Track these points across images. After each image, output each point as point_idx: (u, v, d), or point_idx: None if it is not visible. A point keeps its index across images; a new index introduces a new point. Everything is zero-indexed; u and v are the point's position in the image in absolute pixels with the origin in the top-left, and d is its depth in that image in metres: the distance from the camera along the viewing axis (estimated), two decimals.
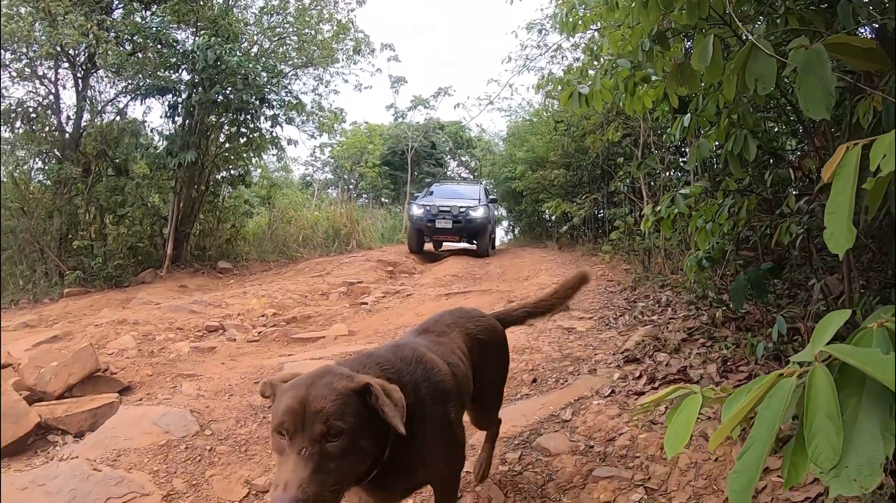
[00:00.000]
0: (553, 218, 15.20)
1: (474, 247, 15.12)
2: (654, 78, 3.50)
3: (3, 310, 9.52)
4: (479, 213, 14.77)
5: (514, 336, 5.07)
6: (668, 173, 7.64)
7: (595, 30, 5.99)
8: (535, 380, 4.26)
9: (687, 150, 6.70)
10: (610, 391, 3.77)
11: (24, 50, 11.05)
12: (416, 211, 15.13)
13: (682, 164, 7.34)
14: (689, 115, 3.67)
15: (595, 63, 7.07)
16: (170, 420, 3.93)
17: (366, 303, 8.37)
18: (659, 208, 4.02)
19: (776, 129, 4.78)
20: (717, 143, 3.76)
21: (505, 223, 23.17)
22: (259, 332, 6.95)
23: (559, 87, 6.92)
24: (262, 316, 7.84)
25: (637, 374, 3.91)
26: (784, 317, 3.07)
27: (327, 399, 1.59)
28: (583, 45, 8.44)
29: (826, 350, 0.94)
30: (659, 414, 3.26)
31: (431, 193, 16.69)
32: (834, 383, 0.89)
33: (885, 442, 0.83)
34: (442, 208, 14.83)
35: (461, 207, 14.75)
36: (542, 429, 3.46)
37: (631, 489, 2.69)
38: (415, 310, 7.40)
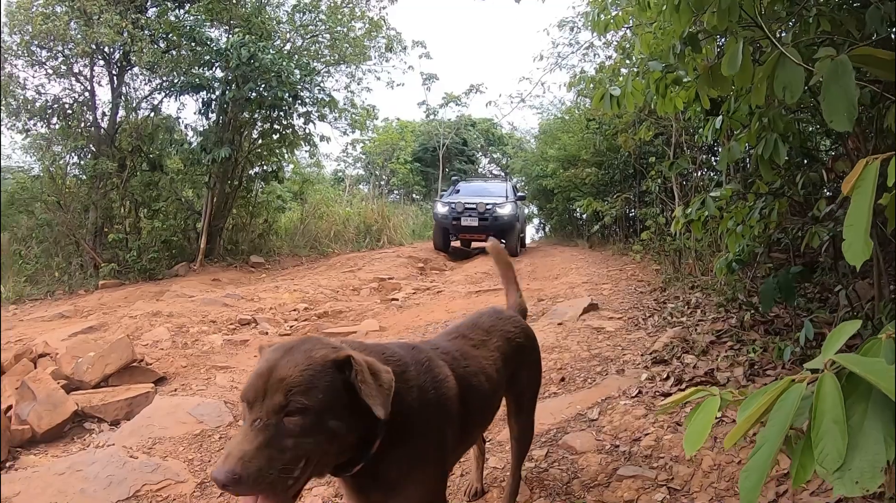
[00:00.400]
0: (584, 216, 15.10)
1: (502, 245, 14.49)
2: (685, 80, 3.50)
3: (39, 300, 9.82)
4: (506, 211, 14.20)
5: (543, 335, 5.10)
6: (699, 173, 7.58)
7: (627, 28, 5.97)
8: (563, 379, 4.27)
9: (719, 148, 6.65)
10: (637, 392, 3.77)
11: (60, 48, 11.36)
12: (441, 209, 14.60)
13: (714, 164, 7.28)
14: (720, 116, 3.67)
15: (627, 61, 7.02)
16: (204, 410, 4.04)
17: (397, 300, 8.43)
18: (689, 210, 4.02)
19: (810, 129, 4.73)
20: (748, 145, 3.75)
21: (536, 221, 23.08)
22: (291, 326, 7.04)
23: (591, 86, 6.91)
24: (294, 310, 7.92)
25: (664, 376, 3.91)
26: (812, 322, 3.07)
27: (297, 368, 1.41)
28: (615, 42, 8.40)
29: (835, 359, 0.98)
30: (684, 416, 3.27)
31: (458, 191, 16.18)
32: (841, 390, 0.94)
33: (887, 447, 0.88)
34: (468, 205, 14.30)
35: (487, 204, 14.18)
36: (568, 427, 3.49)
37: (654, 489, 2.72)
38: (445, 306, 7.44)
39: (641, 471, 2.85)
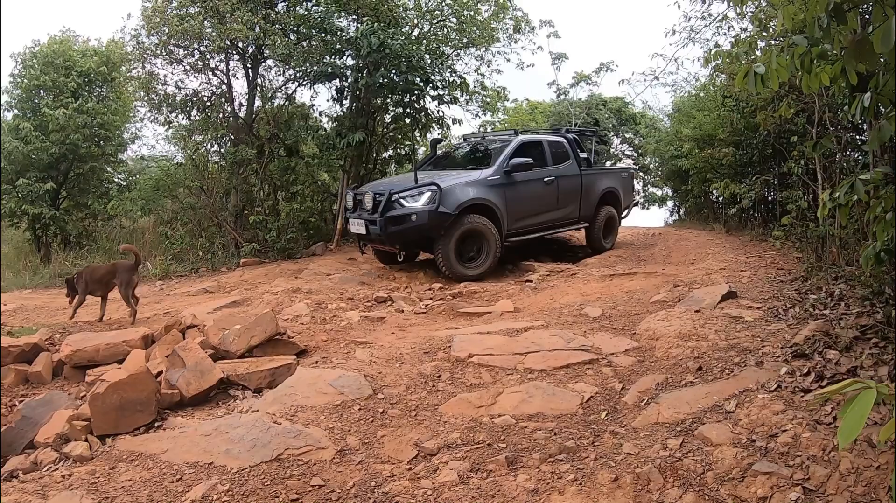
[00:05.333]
0: (721, 199, 14.28)
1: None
2: (831, 53, 3.30)
3: (184, 277, 10.71)
4: (417, 204, 8.40)
5: (680, 322, 5.03)
6: (844, 153, 7.05)
7: None
8: (700, 369, 4.19)
9: (866, 126, 6.16)
10: (776, 386, 3.65)
11: (196, 46, 12.13)
12: (348, 201, 9.76)
13: (859, 143, 6.74)
14: (868, 93, 3.43)
15: (763, 34, 6.62)
16: (344, 382, 4.25)
17: (531, 281, 8.36)
18: (837, 194, 3.80)
19: None
20: None
21: (670, 203, 21.99)
22: (426, 305, 7.18)
23: (727, 61, 6.59)
24: (429, 289, 8.09)
25: (805, 371, 3.75)
26: None
27: None
28: (749, 14, 7.93)
29: None
30: (825, 414, 3.16)
31: (442, 159, 11.13)
32: None
33: None
34: (358, 196, 9.35)
35: (378, 195, 8.64)
36: (704, 418, 3.45)
37: (789, 487, 2.67)
38: (580, 289, 7.37)
39: (777, 468, 2.80)
